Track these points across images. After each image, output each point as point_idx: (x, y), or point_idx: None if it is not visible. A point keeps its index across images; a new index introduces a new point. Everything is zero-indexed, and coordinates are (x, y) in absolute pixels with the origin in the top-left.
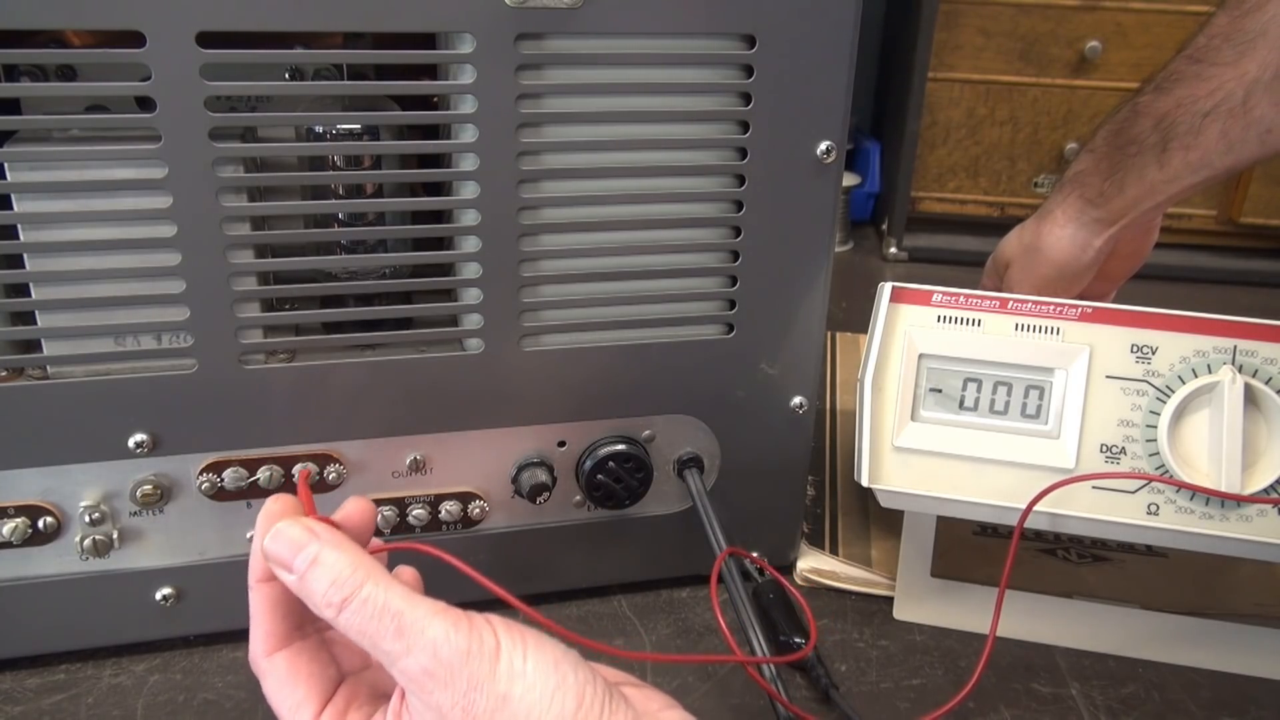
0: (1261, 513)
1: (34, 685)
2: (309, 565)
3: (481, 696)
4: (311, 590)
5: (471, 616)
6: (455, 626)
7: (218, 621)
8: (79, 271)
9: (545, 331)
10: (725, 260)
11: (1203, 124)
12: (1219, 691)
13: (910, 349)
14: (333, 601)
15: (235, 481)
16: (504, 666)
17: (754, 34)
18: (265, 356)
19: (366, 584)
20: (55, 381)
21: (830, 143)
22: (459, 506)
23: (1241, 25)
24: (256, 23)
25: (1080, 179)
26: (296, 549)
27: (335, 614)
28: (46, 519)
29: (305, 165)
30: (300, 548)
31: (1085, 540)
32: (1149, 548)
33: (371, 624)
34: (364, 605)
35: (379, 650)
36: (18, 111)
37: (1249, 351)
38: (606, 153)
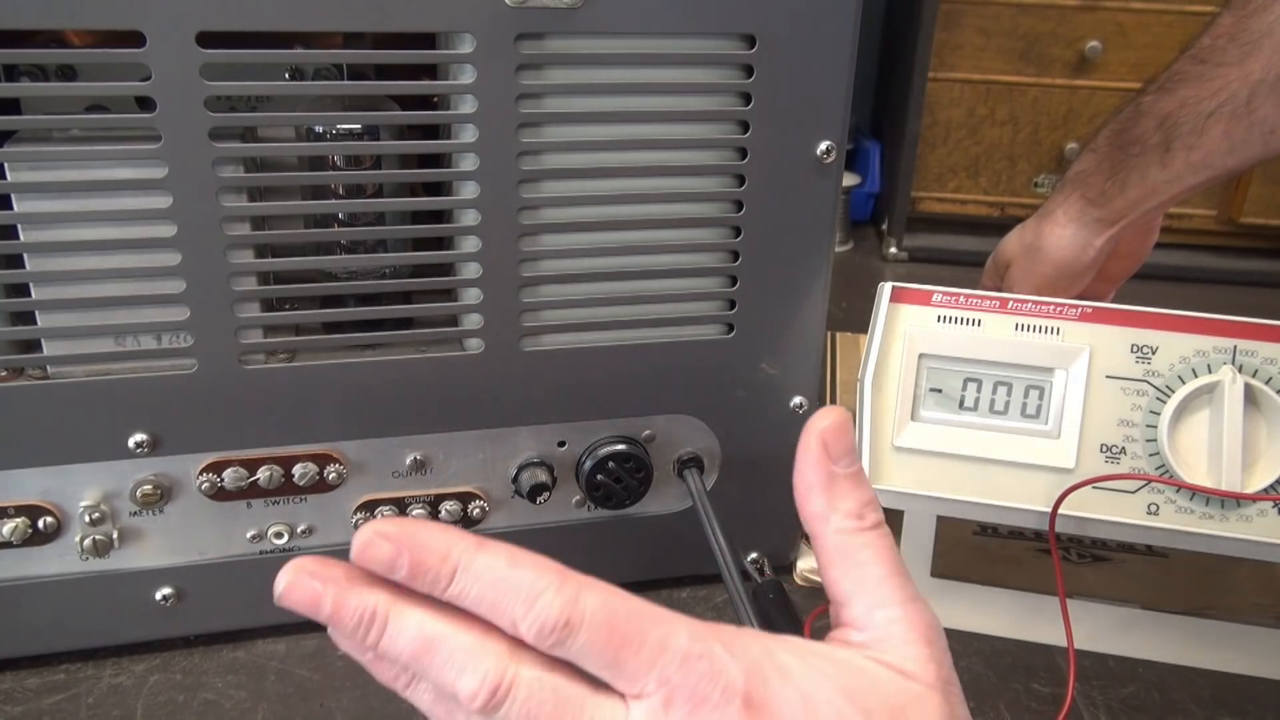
0: (1261, 513)
1: (34, 685)
2: None
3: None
4: None
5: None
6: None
7: (218, 621)
8: (79, 271)
9: (545, 331)
10: (725, 260)
11: (1206, 124)
12: (1219, 691)
13: (910, 349)
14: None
15: (235, 481)
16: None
17: (754, 34)
18: (265, 356)
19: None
20: (55, 381)
21: (830, 143)
22: (459, 506)
23: (1246, 25)
24: (256, 23)
25: (1082, 179)
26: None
27: None
28: (46, 519)
29: (305, 165)
30: None
31: (1085, 540)
32: (1149, 548)
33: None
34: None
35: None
36: (18, 111)
37: (1249, 351)
38: (606, 153)
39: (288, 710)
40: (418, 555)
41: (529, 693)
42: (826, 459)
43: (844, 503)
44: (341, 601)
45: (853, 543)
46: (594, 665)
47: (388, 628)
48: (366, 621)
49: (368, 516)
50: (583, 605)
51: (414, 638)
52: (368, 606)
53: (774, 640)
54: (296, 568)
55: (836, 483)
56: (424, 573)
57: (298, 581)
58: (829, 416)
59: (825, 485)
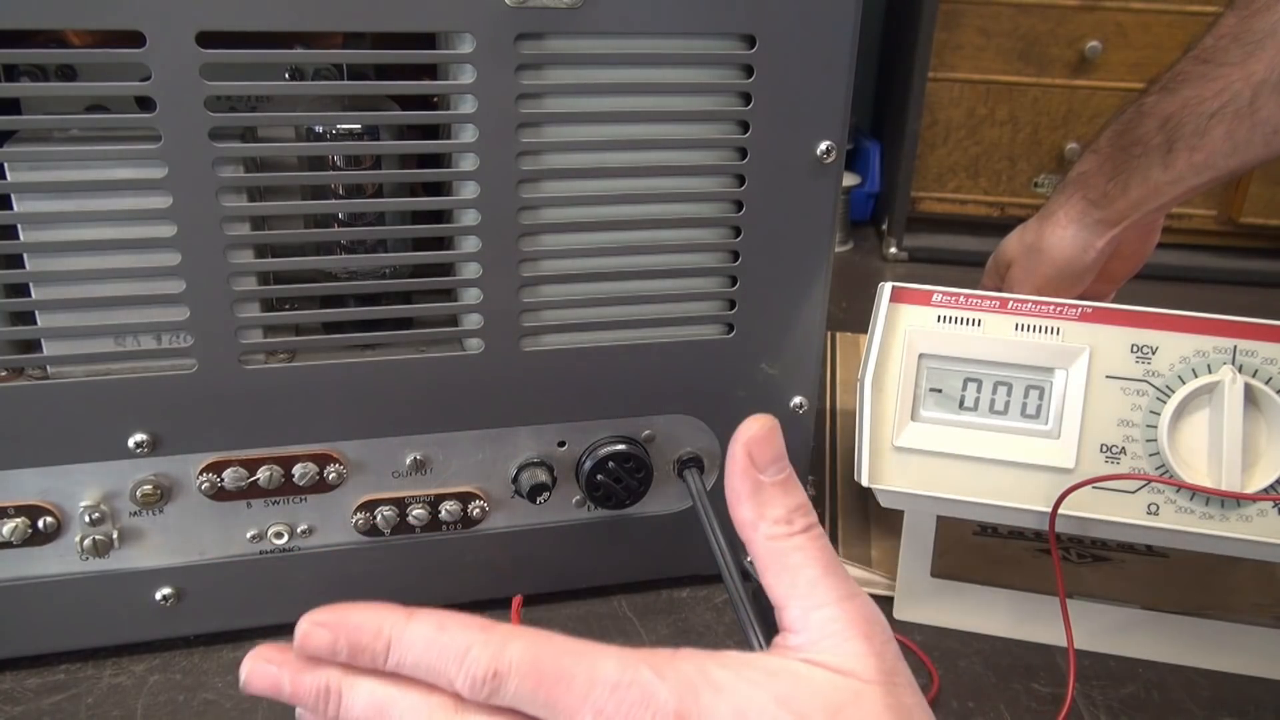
0: (1261, 512)
1: (34, 685)
2: None
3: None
4: None
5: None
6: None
7: (218, 621)
8: (79, 271)
9: (545, 331)
10: (725, 260)
11: (1208, 125)
12: (1219, 691)
13: (910, 349)
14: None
15: (235, 481)
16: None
17: (754, 34)
18: (265, 356)
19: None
20: (55, 381)
21: (830, 143)
22: (459, 506)
23: (1250, 25)
24: (256, 23)
25: (1083, 180)
26: None
27: None
28: (46, 519)
29: (305, 165)
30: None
31: (1085, 540)
32: (1149, 548)
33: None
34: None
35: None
36: (18, 111)
37: (1249, 351)
38: (606, 153)
39: (287, 710)
40: (352, 637)
41: None
42: (752, 468)
43: (772, 510)
44: (298, 682)
45: (783, 547)
46: (531, 709)
47: (343, 699)
48: (323, 696)
49: (368, 516)
50: (508, 654)
51: (366, 704)
52: (321, 684)
53: (708, 657)
54: (255, 656)
55: (763, 491)
56: (361, 651)
57: (257, 669)
58: (754, 426)
59: (752, 494)
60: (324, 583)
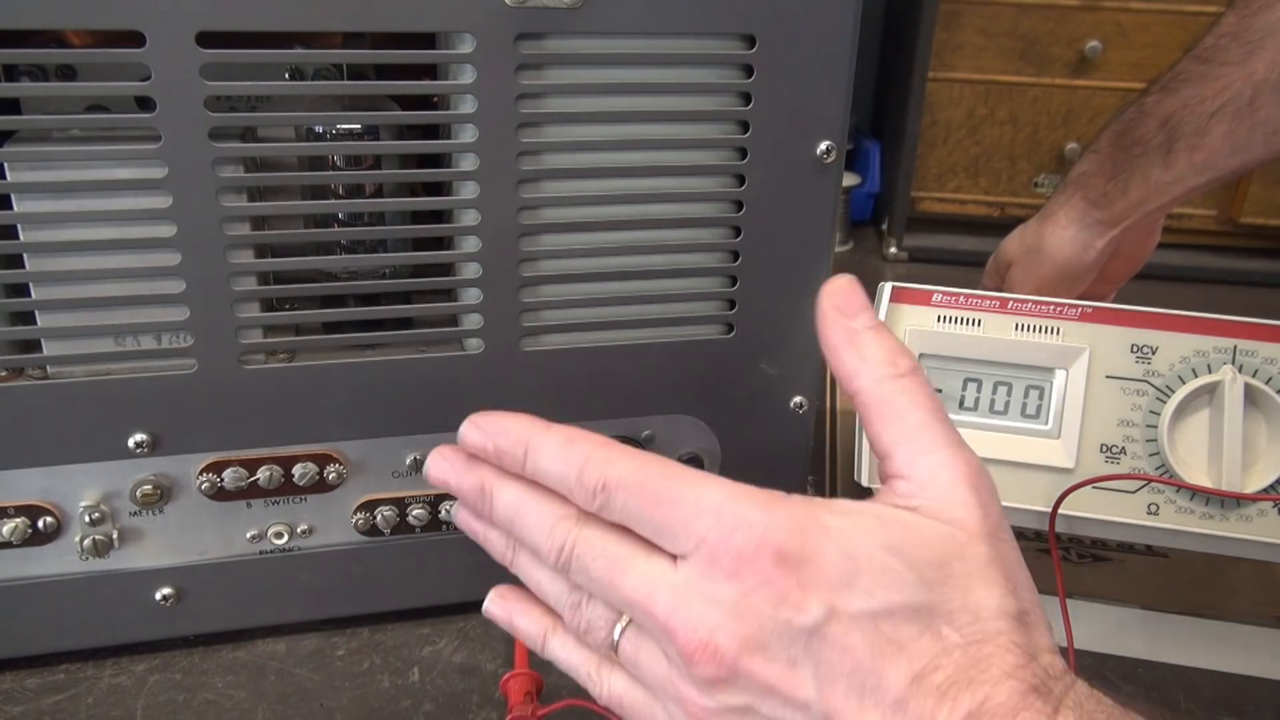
0: (1261, 512)
1: (34, 685)
2: None
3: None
4: None
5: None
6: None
7: (218, 621)
8: (79, 271)
9: (545, 331)
10: (725, 260)
11: (1209, 124)
12: (1219, 691)
13: (910, 349)
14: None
15: (235, 481)
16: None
17: (754, 34)
18: (265, 356)
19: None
20: (55, 381)
21: (830, 143)
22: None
23: (1250, 25)
24: (256, 23)
25: (1083, 180)
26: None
27: None
28: (46, 519)
29: (305, 165)
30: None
31: (1085, 540)
32: (1149, 548)
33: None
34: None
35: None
36: (18, 111)
37: (1249, 351)
38: (606, 153)
39: (287, 710)
40: (498, 440)
41: (586, 550)
42: (842, 317)
43: (873, 353)
44: (461, 477)
45: (889, 390)
46: (638, 526)
47: (493, 498)
48: (477, 493)
49: (368, 516)
50: (618, 470)
51: (507, 506)
52: (477, 481)
53: (818, 503)
54: (436, 453)
55: (860, 336)
56: (505, 454)
57: (434, 462)
58: (836, 281)
59: (850, 341)
60: (324, 583)
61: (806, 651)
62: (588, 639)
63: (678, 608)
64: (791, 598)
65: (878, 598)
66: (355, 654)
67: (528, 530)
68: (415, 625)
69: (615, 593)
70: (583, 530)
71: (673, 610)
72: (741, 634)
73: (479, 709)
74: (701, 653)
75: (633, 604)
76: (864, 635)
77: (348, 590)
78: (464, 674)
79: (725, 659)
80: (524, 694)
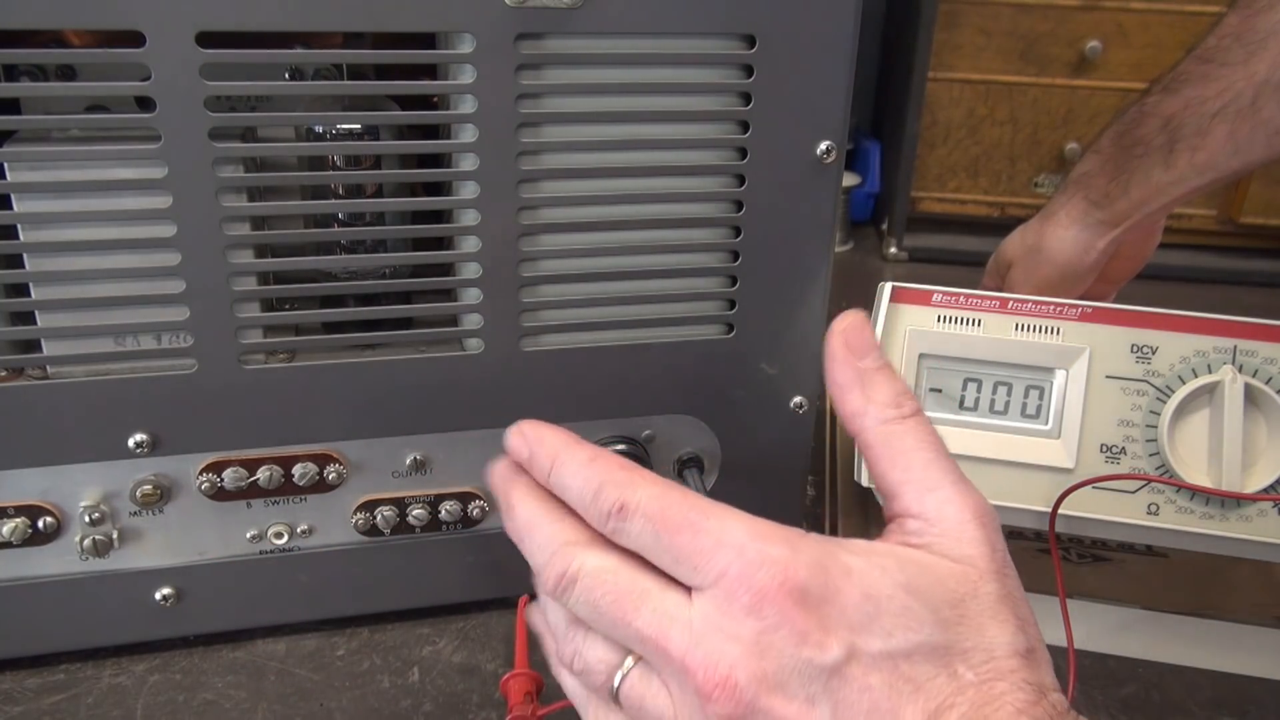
0: (1261, 512)
1: (34, 685)
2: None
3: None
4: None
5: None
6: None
7: (218, 621)
8: (79, 271)
9: (545, 331)
10: (725, 260)
11: (1210, 125)
12: (1219, 691)
13: (910, 349)
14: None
15: (235, 481)
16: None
17: (754, 34)
18: (265, 356)
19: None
20: (55, 381)
21: (830, 143)
22: (459, 506)
23: (1252, 25)
24: (256, 23)
25: (1085, 180)
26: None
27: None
28: (46, 519)
29: (305, 165)
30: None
31: (1085, 540)
32: (1149, 548)
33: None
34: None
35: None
36: (18, 111)
37: (1249, 351)
38: (606, 153)
39: (287, 710)
40: (535, 448)
41: (593, 581)
42: (851, 356)
43: (879, 394)
44: (496, 484)
45: (894, 431)
46: (654, 555)
47: (512, 510)
48: (505, 503)
49: (368, 516)
50: (638, 495)
51: (521, 519)
52: (506, 490)
53: (836, 542)
54: (498, 460)
55: (867, 376)
56: (536, 463)
57: (491, 467)
58: (846, 318)
59: (857, 381)
60: (324, 583)
61: (825, 690)
62: (583, 679)
63: (696, 644)
64: (813, 637)
65: (897, 638)
66: (355, 654)
67: (532, 550)
68: (415, 625)
69: (625, 628)
70: (588, 558)
71: (691, 646)
72: (761, 671)
73: (479, 709)
74: (720, 690)
75: (644, 639)
76: (882, 675)
77: (348, 590)
78: (464, 674)
79: (744, 697)
80: (524, 694)
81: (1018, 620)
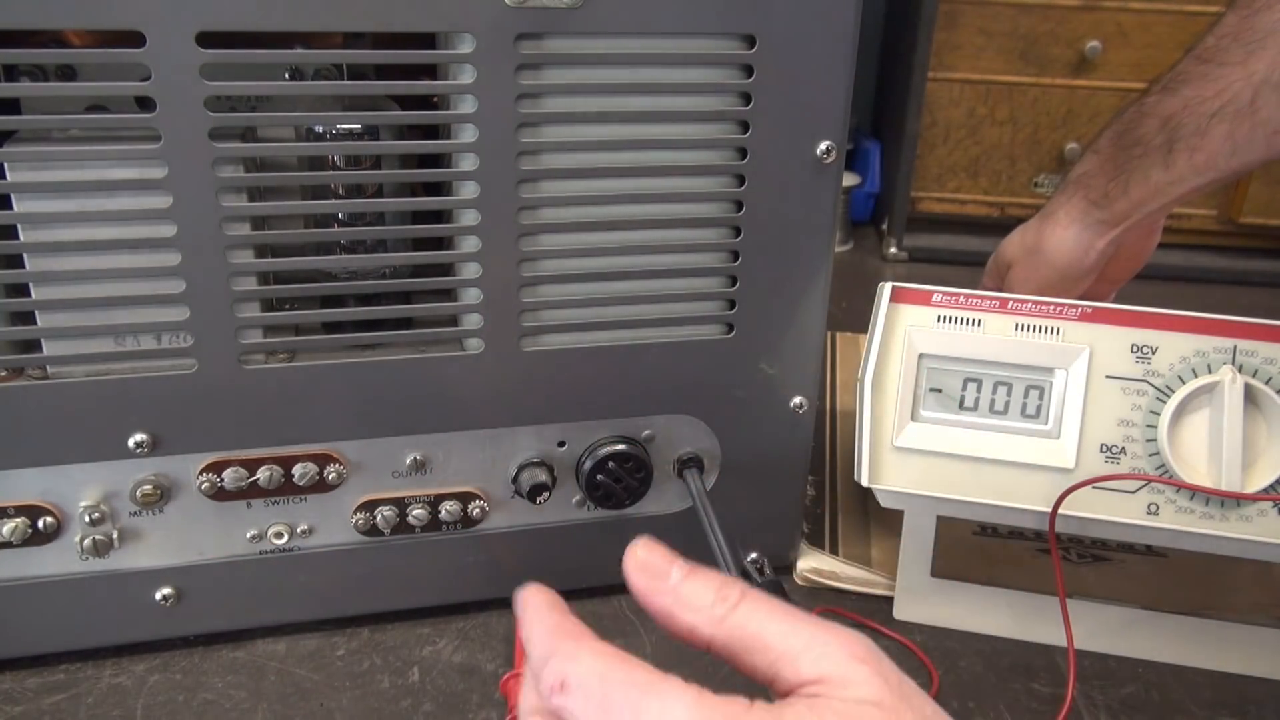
0: (1261, 512)
1: (34, 685)
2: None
3: None
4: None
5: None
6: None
7: (218, 621)
8: (79, 271)
9: (545, 331)
10: (725, 260)
11: (1209, 125)
12: (1219, 691)
13: (910, 349)
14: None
15: (235, 481)
16: None
17: (754, 34)
18: (265, 356)
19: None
20: (55, 381)
21: (830, 143)
22: (459, 506)
23: (1251, 24)
24: (256, 23)
25: (1084, 180)
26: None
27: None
28: (46, 519)
29: (305, 165)
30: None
31: (1085, 540)
32: (1149, 548)
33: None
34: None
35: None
36: (18, 111)
37: (1249, 351)
38: (606, 153)
39: (287, 710)
40: (526, 599)
41: None
42: (658, 582)
43: (702, 599)
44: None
45: (734, 623)
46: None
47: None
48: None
49: (368, 516)
50: (579, 669)
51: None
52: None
53: (779, 713)
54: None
55: (680, 592)
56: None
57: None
58: (635, 549)
59: (676, 603)
60: (324, 583)
61: None
62: None
63: None
64: None
65: None
66: (355, 654)
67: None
68: (415, 625)
69: None
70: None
71: None
72: None
73: (479, 709)
74: None
75: None
76: None
77: (348, 590)
78: (464, 674)
79: None
80: None
81: None
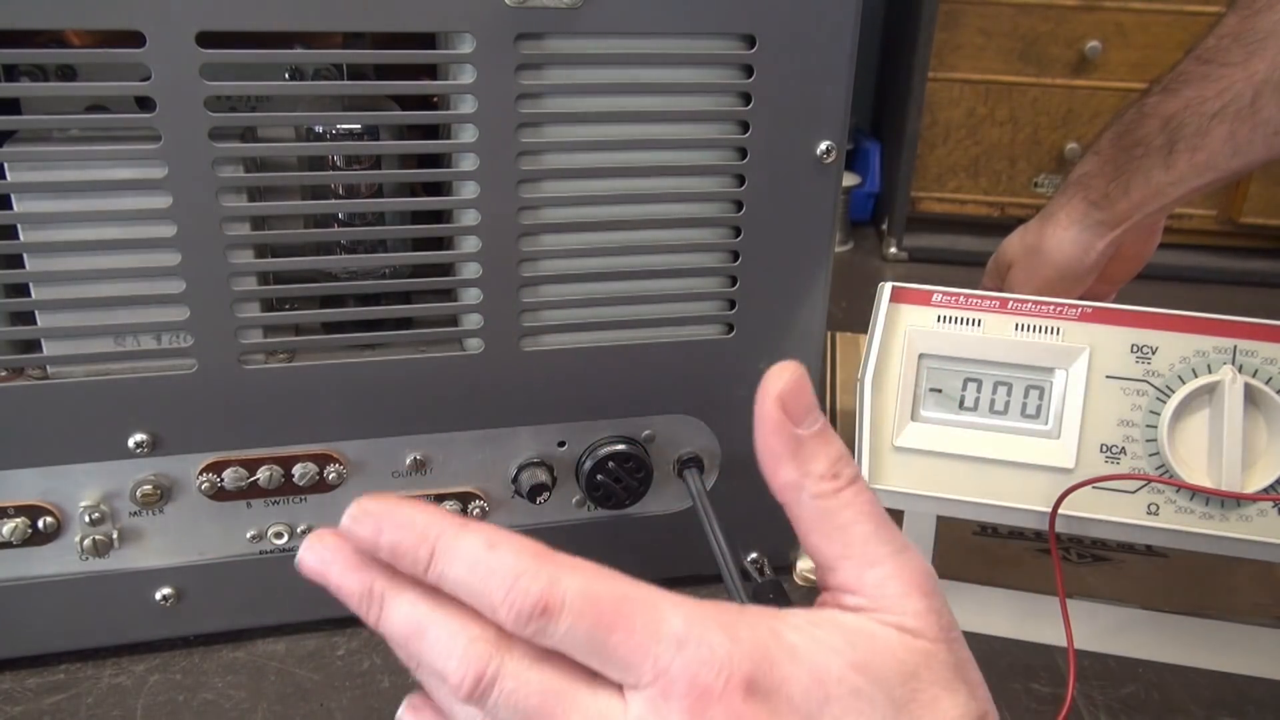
0: (1261, 512)
1: (34, 685)
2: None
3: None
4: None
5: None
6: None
7: (218, 621)
8: (79, 271)
9: (545, 331)
10: (725, 260)
11: (1210, 125)
12: (1219, 691)
13: (910, 349)
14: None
15: (235, 481)
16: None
17: (754, 34)
18: (265, 356)
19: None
20: (55, 381)
21: (830, 143)
22: (459, 506)
23: (1251, 25)
24: (256, 23)
25: (1085, 181)
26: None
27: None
28: (46, 519)
29: (305, 165)
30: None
31: (1085, 540)
32: (1149, 548)
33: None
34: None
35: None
36: (18, 111)
37: (1249, 351)
38: (606, 153)
39: (287, 710)
40: (395, 534)
41: (515, 685)
42: (788, 422)
43: (816, 465)
44: (344, 576)
45: (832, 505)
46: (583, 655)
47: (384, 608)
48: (365, 599)
49: None
50: (562, 589)
51: (404, 621)
52: (366, 585)
53: (778, 618)
54: (315, 537)
55: (804, 446)
56: (402, 554)
57: (311, 553)
58: (784, 375)
59: (793, 451)
60: None
61: None
62: None
63: None
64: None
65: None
66: (355, 654)
67: (433, 654)
68: None
69: None
70: (507, 659)
71: None
72: None
73: None
74: None
75: None
76: None
77: None
78: None
79: None
80: None
81: (968, 687)
